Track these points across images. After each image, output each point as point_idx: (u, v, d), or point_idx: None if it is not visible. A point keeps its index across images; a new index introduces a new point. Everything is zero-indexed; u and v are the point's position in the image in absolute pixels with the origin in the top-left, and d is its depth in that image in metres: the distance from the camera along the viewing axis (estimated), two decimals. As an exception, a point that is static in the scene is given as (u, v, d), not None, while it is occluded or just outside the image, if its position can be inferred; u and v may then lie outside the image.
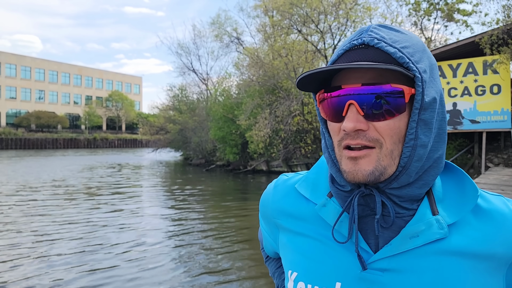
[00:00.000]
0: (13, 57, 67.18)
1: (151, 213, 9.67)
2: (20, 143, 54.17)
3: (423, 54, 0.62)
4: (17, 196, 12.08)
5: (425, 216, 0.65)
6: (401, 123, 0.61)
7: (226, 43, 24.51)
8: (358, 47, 0.62)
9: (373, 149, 0.62)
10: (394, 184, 0.64)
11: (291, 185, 0.80)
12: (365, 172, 0.61)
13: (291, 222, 0.77)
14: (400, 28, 0.65)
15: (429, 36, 17.85)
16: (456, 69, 13.42)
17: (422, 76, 0.60)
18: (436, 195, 0.67)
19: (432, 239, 0.64)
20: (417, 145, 0.61)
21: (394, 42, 0.61)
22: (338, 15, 16.45)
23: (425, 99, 0.60)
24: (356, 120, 0.61)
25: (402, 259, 0.65)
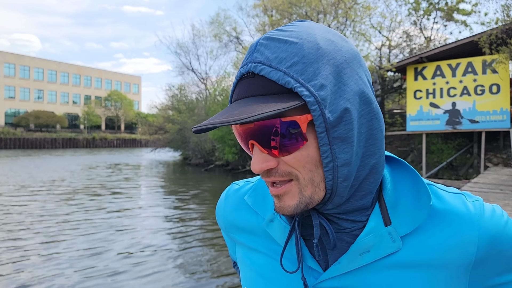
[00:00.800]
0: (12, 56, 67.07)
1: (151, 215, 9.64)
2: (19, 142, 54.09)
3: (319, 62, 0.53)
4: (16, 196, 12.04)
5: (376, 228, 0.60)
6: (310, 150, 0.55)
7: (225, 43, 24.47)
8: (246, 77, 0.56)
9: (292, 182, 0.57)
10: (329, 206, 0.59)
11: (241, 196, 0.76)
12: (290, 207, 0.58)
13: (245, 236, 0.74)
14: (292, 34, 0.56)
15: (429, 36, 17.84)
16: (455, 68, 13.41)
17: (316, 96, 0.52)
18: (387, 201, 0.61)
19: (384, 254, 0.60)
20: (337, 166, 0.55)
21: (281, 62, 0.53)
22: (337, 15, 16.43)
23: (330, 118, 0.53)
24: (262, 160, 0.56)
25: (353, 277, 0.61)
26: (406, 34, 17.69)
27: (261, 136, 0.55)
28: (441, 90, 13.60)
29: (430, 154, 14.57)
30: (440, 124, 13.49)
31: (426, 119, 13.79)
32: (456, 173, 13.65)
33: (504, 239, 0.61)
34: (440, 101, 13.59)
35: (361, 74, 0.57)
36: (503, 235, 0.61)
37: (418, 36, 17.85)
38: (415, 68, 14.08)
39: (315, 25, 0.59)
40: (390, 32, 17.68)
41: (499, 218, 0.62)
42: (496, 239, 0.60)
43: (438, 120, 13.57)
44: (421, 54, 13.65)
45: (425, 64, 13.85)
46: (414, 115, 14.00)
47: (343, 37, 0.60)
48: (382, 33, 17.59)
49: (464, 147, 14.34)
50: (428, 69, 13.82)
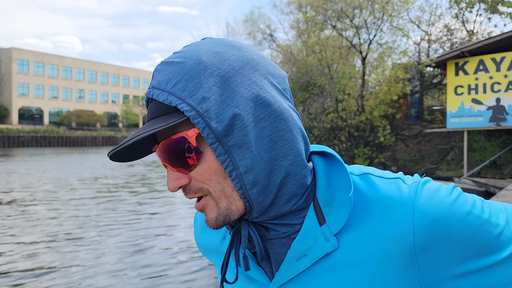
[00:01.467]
0: (55, 58, 70.15)
1: (187, 211, 9.83)
2: (61, 140, 56.52)
3: (200, 76, 0.54)
4: (55, 192, 12.58)
5: (310, 229, 0.58)
6: (210, 162, 0.56)
7: (259, 40, 24.48)
8: (149, 101, 0.59)
9: (207, 196, 0.58)
10: (254, 214, 0.58)
11: (203, 219, 0.77)
12: (211, 220, 0.58)
13: (214, 256, 0.76)
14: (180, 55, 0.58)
15: (471, 29, 17.13)
16: (500, 63, 12.80)
17: (197, 109, 0.53)
18: (320, 200, 0.59)
19: (320, 256, 0.58)
20: (240, 173, 0.55)
21: (167, 83, 0.55)
22: (373, 9, 16.07)
23: (217, 128, 0.53)
24: (174, 178, 0.57)
25: (295, 284, 0.60)
26: (446, 27, 17.07)
27: (168, 156, 0.57)
28: (484, 85, 13.03)
29: (472, 152, 14.01)
30: (483, 121, 12.93)
31: (467, 115, 13.25)
32: (500, 172, 13.06)
33: (451, 221, 0.54)
34: (483, 97, 13.02)
35: (256, 79, 0.56)
36: (447, 216, 0.54)
37: (459, 30, 17.17)
38: (456, 63, 13.55)
39: (208, 40, 0.60)
40: (430, 26, 17.12)
41: (442, 198, 0.56)
42: (438, 222, 0.54)
43: (481, 117, 13.01)
44: (463, 48, 13.13)
45: (467, 58, 13.30)
46: (455, 111, 13.49)
47: (238, 45, 0.59)
48: (420, 28, 17.06)
49: (509, 144, 13.68)
50: (470, 63, 13.27)
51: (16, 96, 64.33)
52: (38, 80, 67.35)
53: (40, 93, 67.69)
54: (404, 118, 17.44)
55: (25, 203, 10.39)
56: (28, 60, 66.16)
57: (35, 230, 7.49)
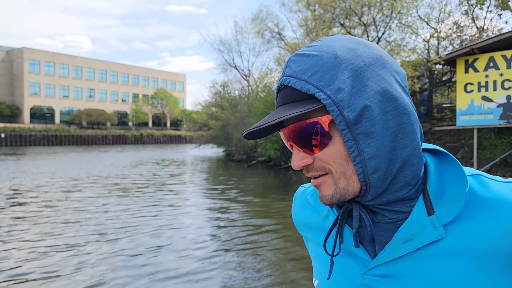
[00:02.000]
0: (66, 57, 70.89)
1: (197, 210, 9.91)
2: (72, 139, 57.15)
3: (336, 69, 0.60)
4: (68, 192, 12.74)
5: (419, 217, 0.63)
6: (337, 146, 0.62)
7: (267, 39, 24.52)
8: (282, 88, 0.65)
9: (327, 175, 0.64)
10: (368, 198, 0.64)
11: (305, 197, 0.84)
12: (327, 197, 0.64)
13: (311, 232, 0.82)
14: (314, 49, 0.64)
15: (481, 26, 16.93)
16: (510, 59, 12.64)
17: (333, 98, 0.59)
18: (431, 192, 0.64)
19: (426, 242, 0.63)
20: (364, 159, 0.61)
21: (304, 73, 0.62)
22: (382, 7, 15.97)
23: (349, 116, 0.59)
24: (299, 158, 0.64)
25: (399, 265, 0.65)
26: (456, 24, 16.90)
27: (297, 137, 0.63)
28: (494, 82, 12.88)
29: (482, 150, 13.86)
30: (493, 119, 12.79)
31: (477, 113, 13.11)
32: (511, 170, 12.91)
33: None
34: (493, 94, 12.88)
35: (384, 75, 0.62)
36: None
37: (469, 27, 16.99)
38: (465, 60, 13.41)
39: (339, 37, 0.66)
40: (439, 23, 16.96)
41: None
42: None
43: (491, 114, 12.86)
44: (472, 45, 12.98)
45: (477, 55, 13.15)
46: (465, 109, 13.36)
47: (368, 43, 0.66)
48: (430, 25, 16.91)
49: (520, 142, 13.50)
50: (480, 61, 13.13)
51: (27, 95, 65.17)
52: (49, 80, 68.14)
53: (51, 92, 68.49)
54: (413, 116, 17.32)
55: (37, 203, 10.55)
56: (39, 59, 66.97)
57: (44, 231, 7.61)
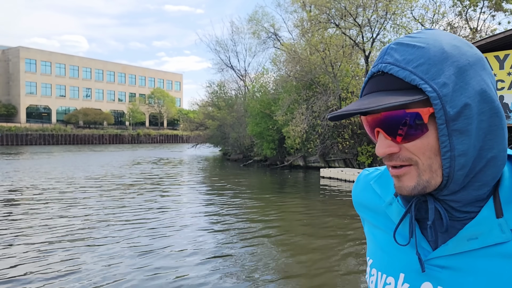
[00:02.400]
0: (62, 57, 70.64)
1: (193, 209, 9.96)
2: (69, 139, 57.01)
3: (443, 64, 0.61)
4: (65, 192, 12.75)
5: (486, 218, 0.64)
6: (430, 139, 0.62)
7: (263, 39, 24.62)
8: (377, 75, 0.65)
9: (411, 166, 0.64)
10: (445, 192, 0.65)
11: (368, 181, 0.86)
12: (408, 188, 0.65)
13: (369, 214, 0.84)
14: (419, 40, 0.64)
15: (475, 27, 17.08)
16: (503, 60, 12.77)
17: (438, 92, 0.59)
18: (502, 195, 0.64)
19: (491, 243, 0.63)
20: (454, 155, 0.61)
21: (408, 63, 0.62)
22: (377, 8, 16.09)
23: (450, 112, 0.60)
24: (385, 145, 0.64)
25: (459, 259, 0.67)
26: (450, 25, 17.04)
27: (387, 125, 0.63)
28: (487, 83, 13.02)
29: (475, 150, 14.01)
30: (486, 119, 12.93)
31: (470, 113, 13.25)
32: (503, 170, 13.05)
33: None
34: (486, 94, 13.02)
35: (484, 76, 0.63)
36: None
37: (463, 28, 17.14)
38: (459, 61, 13.55)
39: (442, 32, 0.66)
40: (433, 24, 17.10)
41: None
42: None
43: (484, 115, 13.01)
44: (466, 46, 13.11)
45: (470, 56, 13.29)
46: (458, 109, 13.49)
47: (469, 43, 0.66)
48: (424, 26, 17.05)
49: (512, 142, 13.66)
50: (473, 61, 13.26)
51: (24, 94, 64.93)
52: (46, 79, 67.90)
53: (47, 91, 68.24)
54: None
55: (33, 203, 10.59)
56: (36, 59, 66.71)
57: (43, 231, 7.65)
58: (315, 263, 5.66)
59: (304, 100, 18.01)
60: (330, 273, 5.27)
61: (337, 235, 7.12)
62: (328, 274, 5.24)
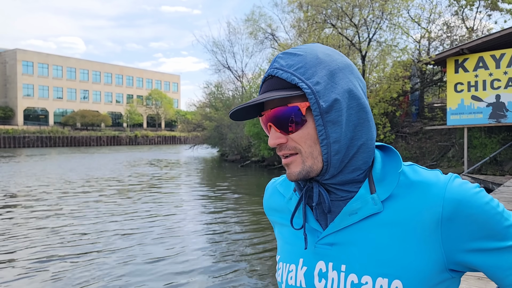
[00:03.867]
0: (59, 58, 70.53)
1: (192, 211, 9.95)
2: (66, 141, 56.90)
3: (317, 67, 0.74)
4: (65, 195, 12.73)
5: (363, 195, 0.76)
6: (309, 129, 0.74)
7: (260, 40, 24.60)
8: (268, 79, 0.78)
9: (296, 155, 0.76)
10: (326, 176, 0.77)
11: (275, 186, 0.97)
12: (294, 173, 0.76)
13: (277, 215, 0.95)
14: (300, 50, 0.77)
15: (471, 26, 17.11)
16: (499, 59, 12.79)
17: (312, 89, 0.72)
18: (375, 176, 0.78)
19: (367, 214, 0.75)
20: (330, 142, 0.74)
21: (290, 67, 0.74)
22: (373, 8, 16.10)
23: (323, 105, 0.72)
24: (275, 137, 0.76)
25: (344, 234, 0.78)
26: (446, 25, 17.07)
27: (275, 119, 0.76)
28: (483, 82, 13.03)
29: (473, 149, 14.03)
30: (483, 118, 12.94)
31: (467, 112, 13.27)
32: (501, 169, 13.07)
33: (472, 204, 0.71)
34: (482, 93, 13.04)
35: (351, 78, 0.77)
36: (470, 200, 0.71)
37: (459, 27, 17.17)
38: (455, 60, 13.56)
39: (319, 44, 0.80)
40: (430, 24, 17.13)
41: (469, 188, 0.73)
42: (462, 203, 0.71)
43: (481, 114, 13.02)
44: (462, 45, 13.14)
45: (466, 55, 13.31)
46: (455, 108, 13.50)
47: (340, 53, 0.81)
48: (421, 25, 17.08)
49: (509, 141, 13.68)
50: (470, 61, 13.28)
51: (21, 97, 64.79)
52: (43, 81, 67.78)
53: (44, 93, 68.13)
54: (405, 116, 17.44)
55: (32, 206, 10.55)
56: (33, 61, 66.59)
57: (42, 236, 7.63)
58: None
59: (301, 101, 17.98)
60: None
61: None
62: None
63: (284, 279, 0.85)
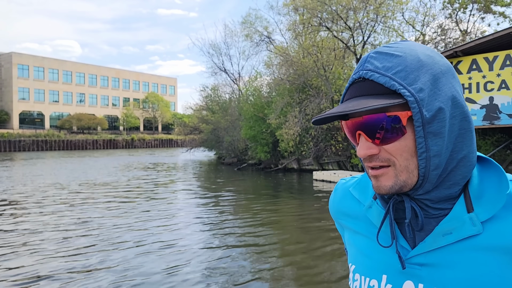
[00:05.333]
0: (55, 62, 70.35)
1: (186, 215, 9.95)
2: (62, 144, 56.70)
3: (419, 71, 0.66)
4: (63, 198, 12.69)
5: (458, 214, 0.69)
6: (407, 141, 0.66)
7: (256, 42, 24.68)
8: (358, 81, 0.70)
9: (389, 167, 0.68)
10: (420, 191, 0.69)
11: (347, 188, 0.90)
12: (386, 187, 0.69)
13: (349, 221, 0.87)
14: (396, 49, 0.69)
15: (465, 29, 17.27)
16: (492, 62, 12.92)
17: (416, 97, 0.64)
18: (472, 192, 0.70)
19: (464, 236, 0.68)
20: (430, 156, 0.66)
21: (387, 70, 0.66)
22: (368, 11, 16.22)
23: (426, 115, 0.64)
24: (366, 147, 0.68)
25: (437, 255, 0.71)
26: (440, 28, 17.22)
27: (368, 128, 0.68)
28: (477, 84, 13.16)
29: (467, 150, 14.12)
30: (477, 120, 13.07)
31: (461, 114, 13.38)
32: (494, 170, 13.17)
33: None
34: (476, 96, 13.16)
35: (454, 83, 0.69)
36: None
37: (453, 30, 17.32)
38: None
39: (417, 43, 0.73)
40: (424, 27, 17.27)
41: None
42: None
43: (475, 116, 13.14)
44: (455, 48, 13.26)
45: (460, 58, 13.44)
46: (449, 111, 13.61)
47: (440, 54, 0.73)
48: (415, 28, 17.21)
49: (503, 143, 13.81)
50: (463, 63, 13.41)
51: (16, 100, 64.56)
52: (39, 85, 67.58)
53: (40, 97, 67.91)
54: (400, 118, 17.52)
55: (30, 210, 10.53)
56: (28, 64, 66.39)
57: (41, 239, 7.62)
58: (309, 266, 5.69)
59: (297, 103, 18.08)
60: (324, 276, 5.30)
61: (332, 237, 7.16)
62: (323, 277, 5.27)
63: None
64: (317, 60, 16.93)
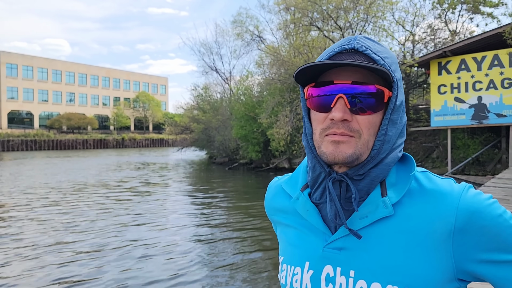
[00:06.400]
0: (44, 61, 69.57)
1: (179, 213, 9.92)
2: (52, 144, 56.12)
3: (397, 66, 0.75)
4: (53, 200, 12.57)
5: (374, 198, 0.74)
6: (377, 119, 0.73)
7: (247, 41, 24.65)
8: (348, 51, 0.74)
9: (353, 138, 0.72)
10: (360, 171, 0.74)
11: (279, 185, 0.93)
12: (345, 154, 0.71)
13: (281, 215, 0.91)
14: (380, 42, 0.77)
15: (454, 29, 17.43)
16: (481, 62, 13.08)
17: (398, 83, 0.72)
18: (388, 180, 0.76)
19: (377, 218, 0.73)
20: (385, 140, 0.73)
21: (378, 52, 0.73)
22: (358, 11, 16.30)
23: (396, 103, 0.73)
24: (343, 111, 0.71)
25: (354, 238, 0.75)
26: (430, 28, 17.37)
27: (353, 93, 0.71)
28: (466, 84, 13.31)
29: (456, 149, 14.28)
30: (466, 119, 13.21)
31: (450, 114, 13.53)
32: (483, 169, 13.33)
33: (485, 216, 0.69)
34: (465, 95, 13.31)
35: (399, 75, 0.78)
36: (483, 212, 0.69)
37: (442, 30, 17.48)
38: (438, 63, 13.82)
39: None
40: (414, 27, 17.40)
41: (483, 199, 0.71)
42: (475, 214, 0.69)
43: (464, 115, 13.29)
44: (445, 48, 13.39)
45: (449, 58, 13.57)
46: (439, 110, 13.76)
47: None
48: (405, 28, 17.33)
49: (491, 142, 13.97)
50: (452, 63, 13.55)
51: (5, 100, 63.75)
52: (28, 84, 66.79)
53: (29, 96, 67.12)
54: (390, 117, 17.63)
55: (22, 211, 10.42)
56: (17, 63, 65.58)
57: (33, 240, 7.54)
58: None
59: (288, 103, 18.10)
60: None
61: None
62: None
63: (289, 282, 0.82)
64: (308, 60, 16.97)
